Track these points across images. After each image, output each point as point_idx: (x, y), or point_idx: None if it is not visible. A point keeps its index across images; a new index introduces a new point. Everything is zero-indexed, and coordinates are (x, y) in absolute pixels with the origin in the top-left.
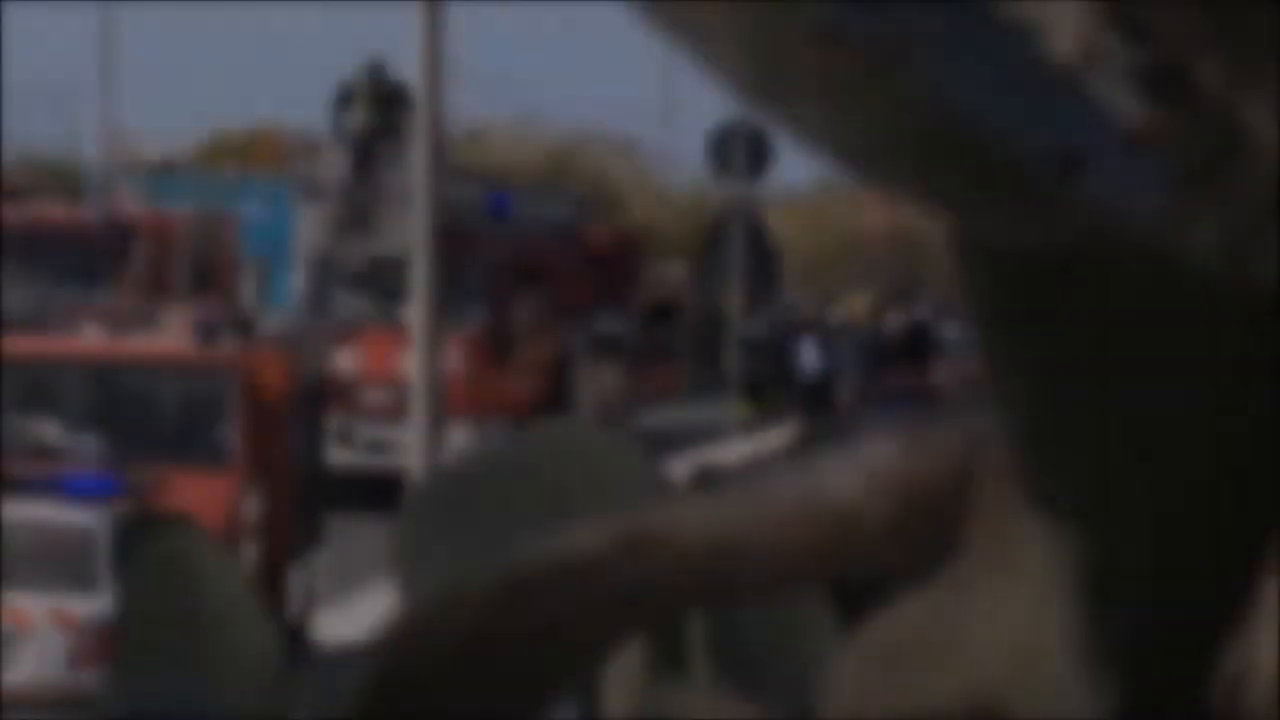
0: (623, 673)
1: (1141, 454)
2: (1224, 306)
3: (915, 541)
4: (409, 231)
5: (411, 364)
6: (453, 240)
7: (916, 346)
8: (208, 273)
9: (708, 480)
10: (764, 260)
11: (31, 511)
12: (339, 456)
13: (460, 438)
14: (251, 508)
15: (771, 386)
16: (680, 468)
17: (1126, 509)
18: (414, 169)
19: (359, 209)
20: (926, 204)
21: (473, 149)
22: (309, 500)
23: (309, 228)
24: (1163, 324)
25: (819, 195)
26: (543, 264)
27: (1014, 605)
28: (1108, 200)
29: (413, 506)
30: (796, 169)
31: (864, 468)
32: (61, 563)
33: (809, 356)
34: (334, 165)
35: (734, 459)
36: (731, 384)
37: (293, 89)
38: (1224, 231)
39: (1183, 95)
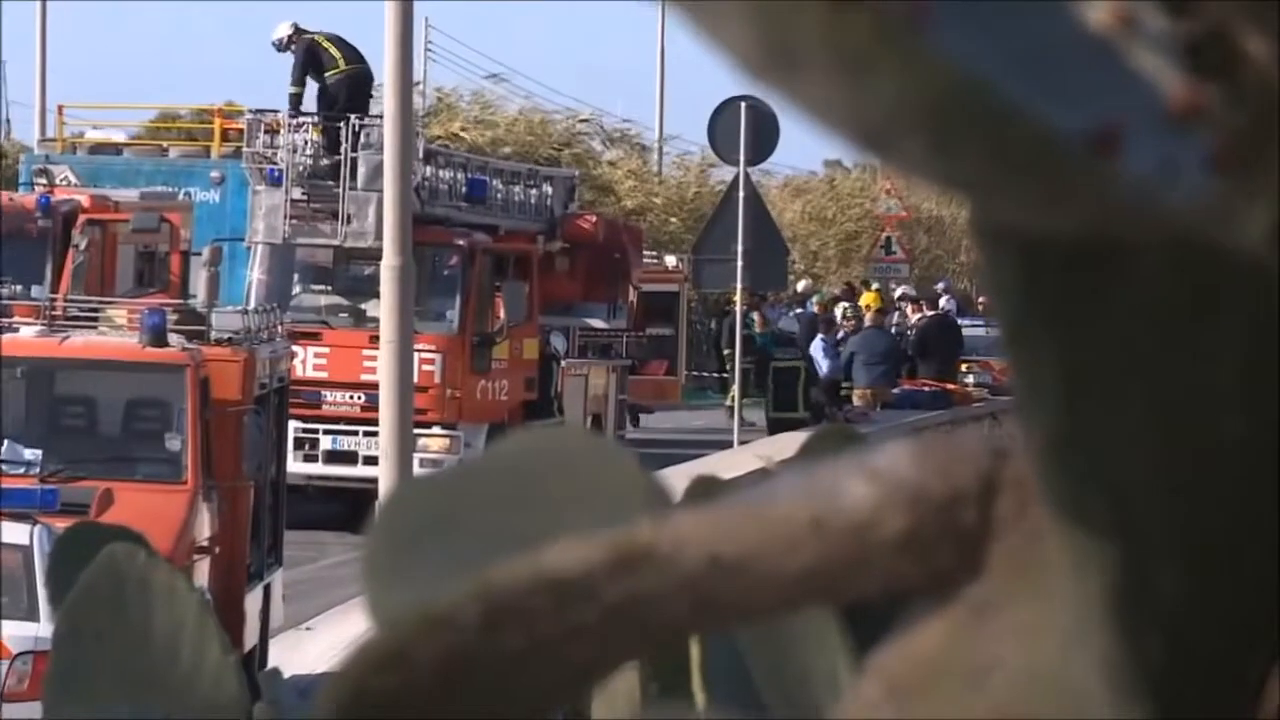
0: (613, 693)
1: (1180, 463)
2: (1265, 300)
3: (933, 559)
4: (378, 219)
5: (381, 366)
6: (426, 228)
7: (936, 344)
8: (155, 265)
9: (707, 491)
10: (769, 251)
11: None
12: (302, 467)
13: (435, 446)
14: (205, 524)
15: (783, 390)
16: (678, 477)
17: (1164, 524)
18: (383, 148)
19: (322, 194)
20: (946, 187)
21: (446, 124)
22: (268, 516)
23: (268, 214)
24: (1206, 318)
25: (827, 179)
26: (526, 255)
27: (1042, 630)
28: (1145, 182)
29: (383, 521)
30: (803, 151)
31: (878, 477)
32: None
33: (818, 355)
34: (294, 145)
35: (736, 468)
36: (734, 386)
37: (250, 64)
38: (1273, 216)
39: (1227, 66)
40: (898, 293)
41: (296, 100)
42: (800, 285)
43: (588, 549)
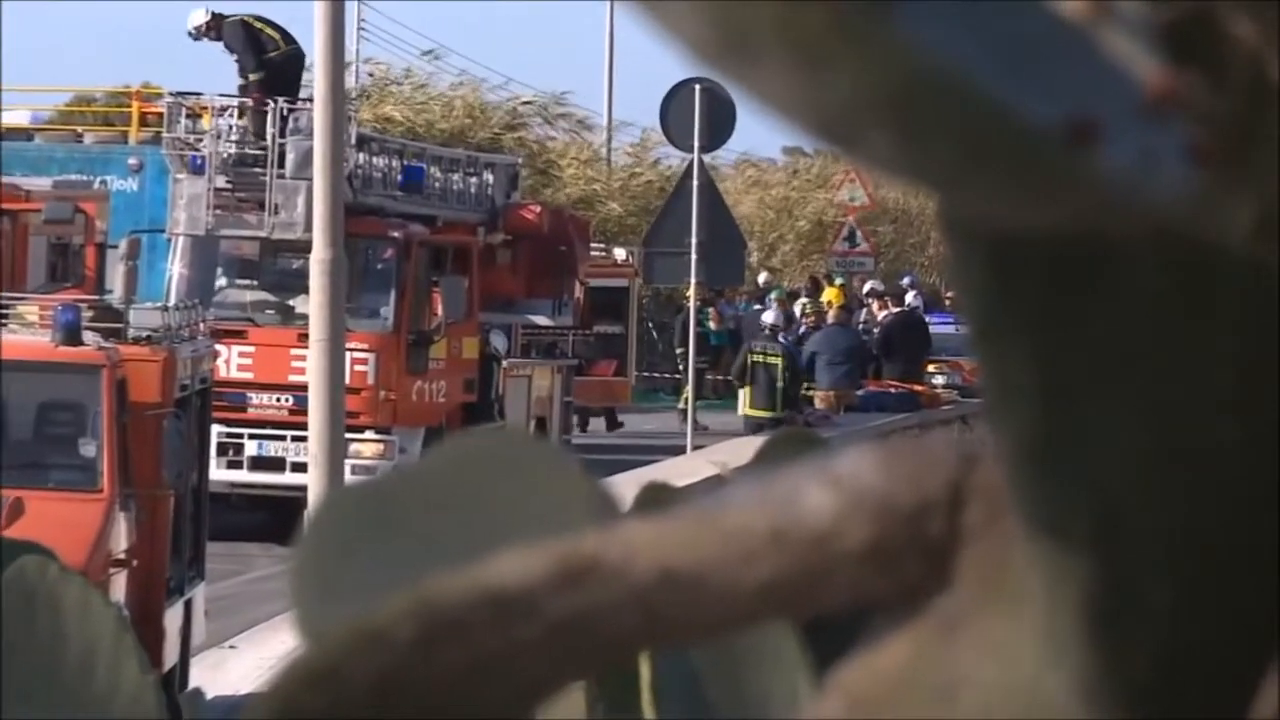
0: (559, 713)
1: (1171, 470)
2: (1259, 296)
3: (899, 570)
4: (307, 209)
5: (310, 366)
6: (359, 219)
7: (902, 342)
8: (69, 258)
9: (658, 499)
10: (725, 244)
11: None
12: (225, 474)
13: (368, 452)
14: (122, 535)
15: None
16: (627, 484)
17: (1153, 535)
18: (312, 134)
19: (248, 182)
20: (913, 181)
21: (376, 106)
22: (190, 526)
23: (189, 204)
24: (1189, 318)
25: (787, 166)
26: (466, 247)
27: (1015, 645)
28: (1124, 175)
29: (313, 531)
30: (762, 136)
31: (840, 484)
32: None
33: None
34: (218, 130)
35: (689, 474)
36: (687, 388)
37: (170, 44)
38: (1259, 209)
39: (1210, 51)
40: (866, 288)
41: (258, 87)
42: (762, 278)
43: (531, 561)
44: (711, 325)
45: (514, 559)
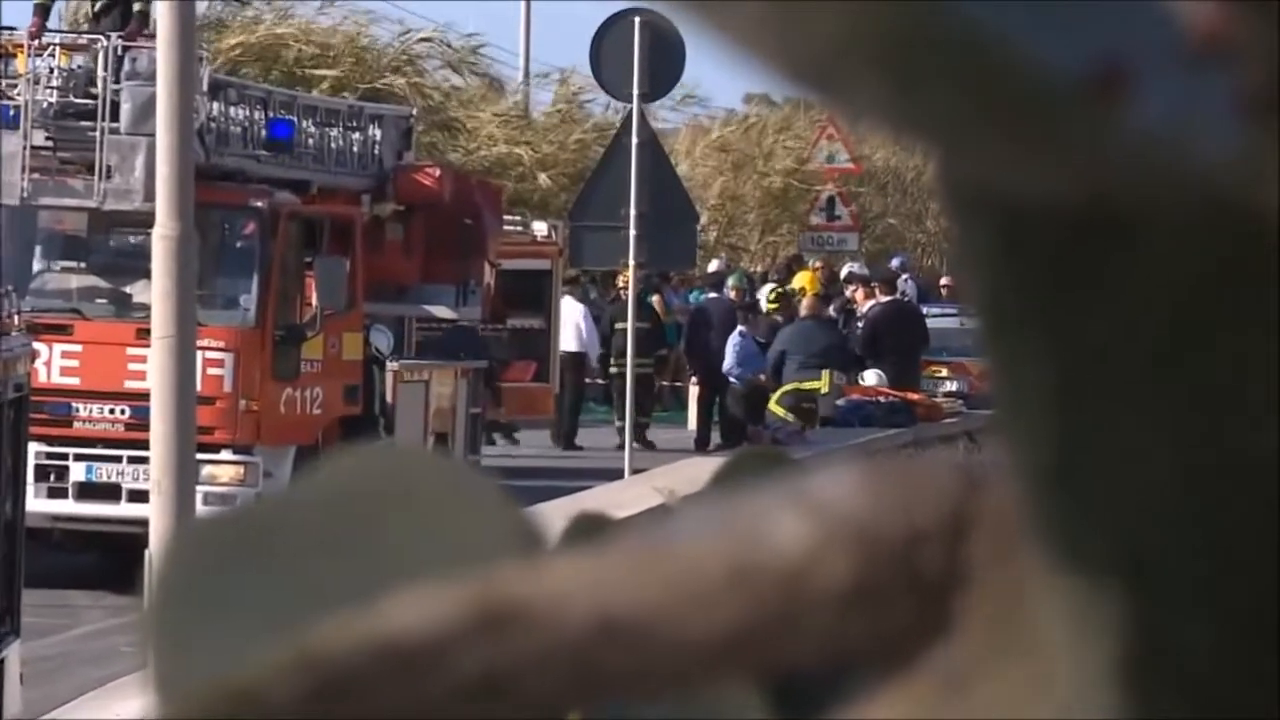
0: None
1: (1206, 487)
2: None
3: (886, 616)
4: (148, 173)
5: (152, 369)
6: (212, 185)
7: (892, 339)
8: None
9: (593, 531)
10: (672, 216)
11: None
12: (46, 505)
13: (224, 476)
14: None
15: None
16: (555, 512)
17: (1188, 565)
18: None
19: (74, 139)
20: (907, 136)
21: (218, 40)
22: (2, 569)
23: (2, 167)
24: (1233, 303)
25: (747, 124)
26: (347, 220)
27: (1033, 704)
28: (1161, 132)
29: (166, 573)
30: (718, 83)
31: (816, 513)
32: None
33: (737, 354)
34: (37, 74)
35: (630, 500)
36: (624, 395)
37: None
38: None
39: None
40: (844, 271)
41: (44, 11)
42: (714, 264)
43: (439, 605)
44: (659, 313)
45: (418, 603)
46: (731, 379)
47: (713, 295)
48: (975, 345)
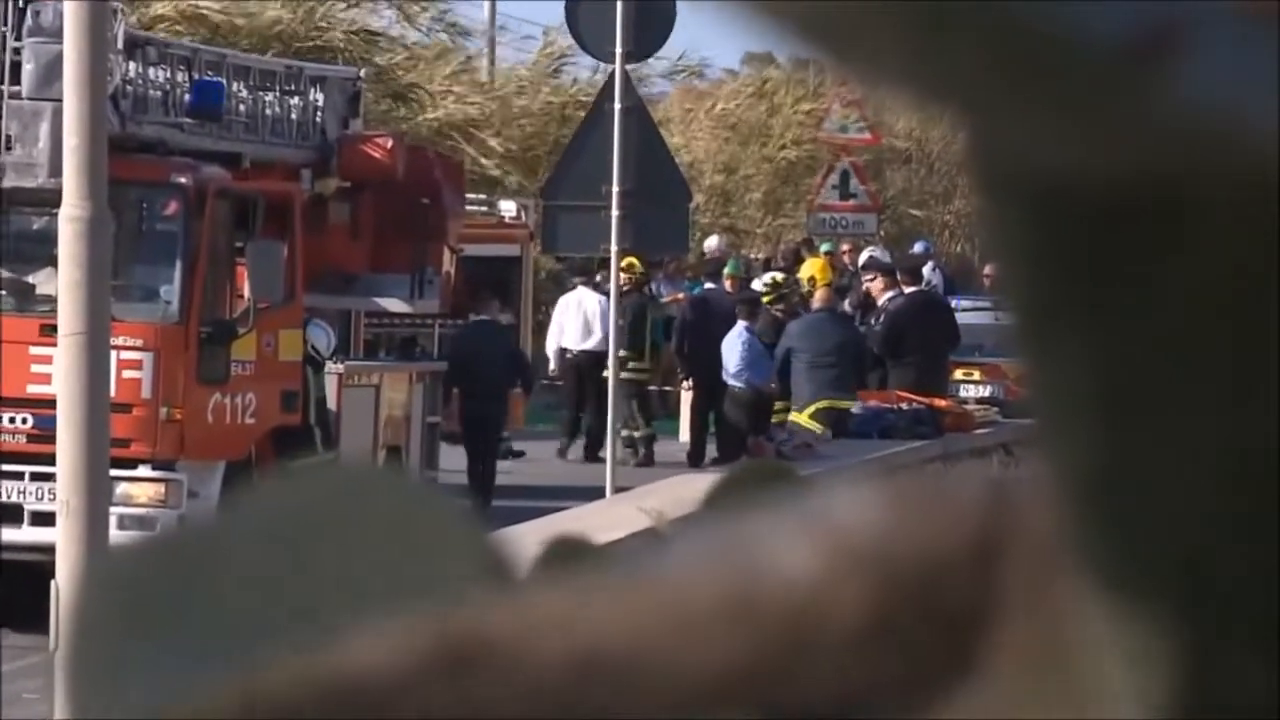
0: None
1: (1273, 504)
2: None
3: (908, 656)
4: (53, 144)
5: (59, 372)
6: (128, 158)
7: (917, 337)
8: None
9: (571, 557)
10: (661, 195)
11: None
12: None
13: (143, 496)
14: None
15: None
16: (527, 536)
17: (1253, 594)
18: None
19: None
20: (932, 105)
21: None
22: None
23: None
24: None
25: (750, 83)
26: (285, 199)
27: None
28: (1213, 100)
29: (84, 606)
30: (714, 41)
31: (827, 538)
32: None
33: (736, 353)
34: None
35: (612, 522)
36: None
37: None
38: None
39: None
40: (863, 258)
41: None
42: (710, 242)
43: (400, 642)
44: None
45: (372, 640)
46: (737, 385)
47: (711, 286)
48: (1011, 344)
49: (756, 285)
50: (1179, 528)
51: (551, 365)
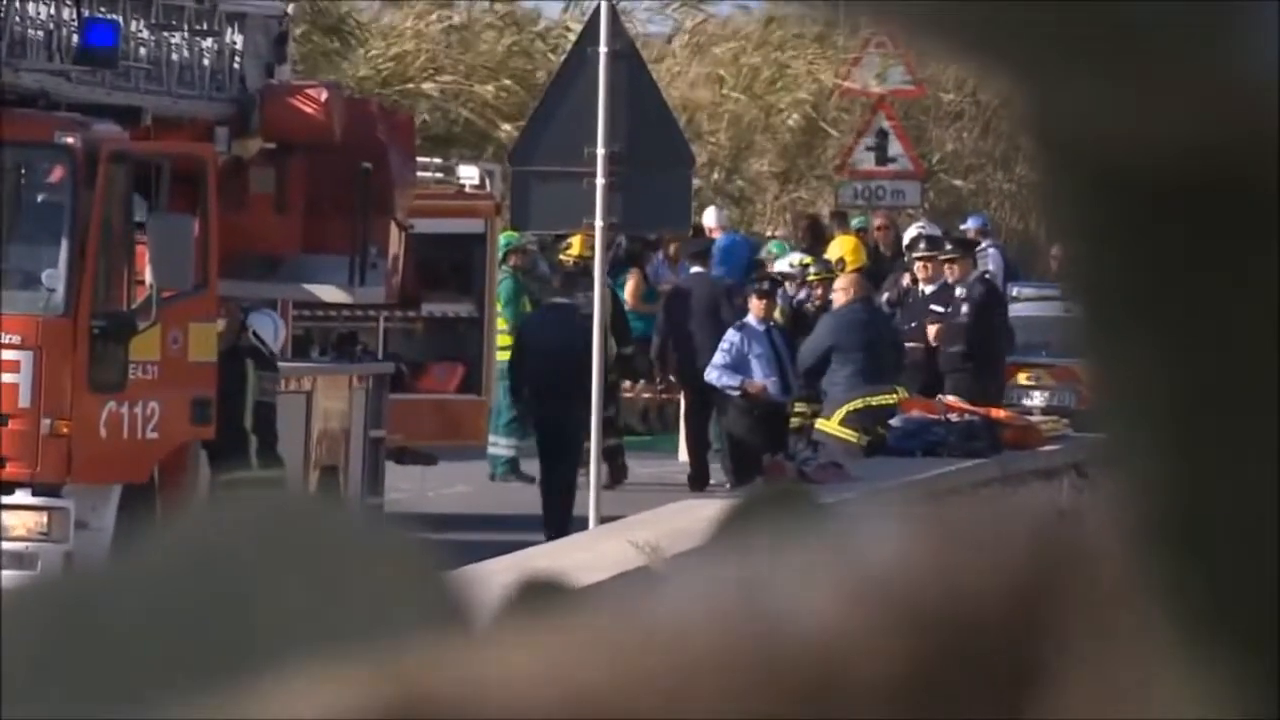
0: None
1: None
2: None
3: (946, 712)
4: None
5: None
6: (5, 114)
7: (967, 334)
8: None
9: (543, 599)
10: (657, 158)
11: None
12: None
13: (21, 526)
14: None
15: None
16: (495, 573)
17: None
18: None
19: None
20: (990, 74)
21: None
22: None
23: None
24: None
25: (760, 23)
26: (195, 165)
27: None
28: (1275, 71)
29: None
30: None
31: (851, 581)
32: None
33: (729, 354)
34: None
35: (597, 559)
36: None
37: None
38: None
39: None
40: (909, 234)
41: None
42: (708, 216)
43: (338, 698)
44: (627, 300)
45: (309, 693)
46: (729, 390)
47: (697, 270)
48: (1077, 341)
49: (781, 266)
50: (1269, 548)
51: None
